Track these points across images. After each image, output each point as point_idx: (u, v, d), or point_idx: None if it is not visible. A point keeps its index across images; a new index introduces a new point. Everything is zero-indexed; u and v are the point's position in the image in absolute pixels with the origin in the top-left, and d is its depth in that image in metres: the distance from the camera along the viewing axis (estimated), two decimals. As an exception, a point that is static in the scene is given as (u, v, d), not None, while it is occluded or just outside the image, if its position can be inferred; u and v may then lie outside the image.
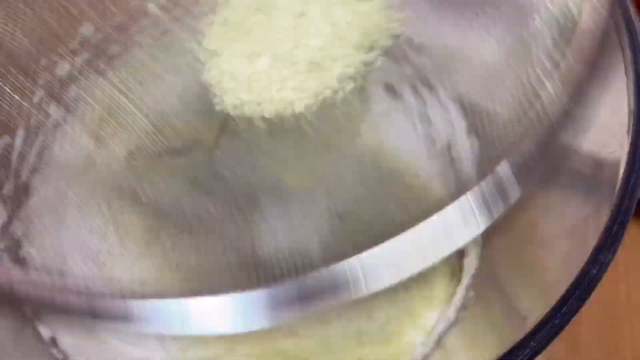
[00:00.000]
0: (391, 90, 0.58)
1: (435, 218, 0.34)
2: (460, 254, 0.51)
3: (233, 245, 0.53)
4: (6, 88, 0.47)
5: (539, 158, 0.39)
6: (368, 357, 0.49)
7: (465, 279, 0.49)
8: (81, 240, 0.52)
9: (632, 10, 0.39)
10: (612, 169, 0.37)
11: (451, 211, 0.34)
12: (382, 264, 0.33)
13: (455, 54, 0.52)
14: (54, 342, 0.47)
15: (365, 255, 0.31)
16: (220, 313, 0.33)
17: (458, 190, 0.54)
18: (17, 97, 0.49)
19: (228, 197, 0.54)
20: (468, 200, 0.35)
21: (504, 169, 0.35)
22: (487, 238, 0.49)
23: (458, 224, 0.34)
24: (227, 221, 0.53)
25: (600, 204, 0.36)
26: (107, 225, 0.53)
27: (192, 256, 0.52)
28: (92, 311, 0.39)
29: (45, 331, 0.46)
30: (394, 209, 0.54)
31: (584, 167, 0.40)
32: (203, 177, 0.55)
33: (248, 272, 0.43)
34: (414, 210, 0.54)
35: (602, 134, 0.39)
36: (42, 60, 0.50)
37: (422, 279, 0.52)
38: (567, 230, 0.39)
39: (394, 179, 0.56)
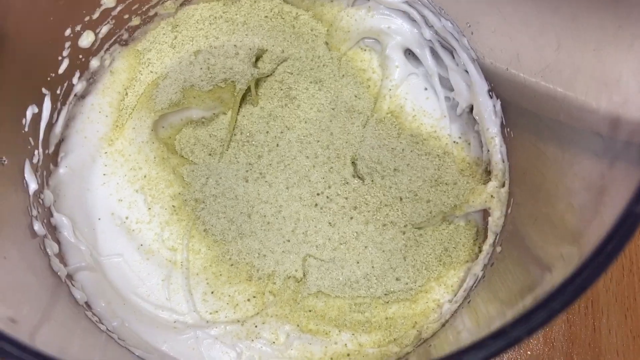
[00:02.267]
0: (411, 54, 0.59)
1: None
2: (486, 212, 0.52)
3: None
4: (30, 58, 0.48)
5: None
6: (395, 315, 0.50)
7: (491, 237, 0.50)
8: (110, 208, 0.53)
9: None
10: (629, 126, 0.37)
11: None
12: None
13: (475, 15, 0.52)
14: (88, 305, 0.48)
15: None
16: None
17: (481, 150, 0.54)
18: (42, 68, 0.50)
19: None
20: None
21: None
22: (511, 195, 0.50)
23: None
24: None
25: (614, 160, 0.36)
26: (135, 194, 0.53)
27: (218, 220, 0.53)
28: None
29: (79, 295, 0.47)
30: (415, 173, 0.54)
31: (599, 125, 0.40)
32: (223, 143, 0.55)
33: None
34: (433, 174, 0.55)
35: (621, 93, 0.39)
36: (66, 30, 0.51)
37: (448, 238, 0.52)
38: (585, 184, 0.40)
39: (415, 143, 0.56)
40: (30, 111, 0.48)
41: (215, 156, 0.55)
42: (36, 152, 0.49)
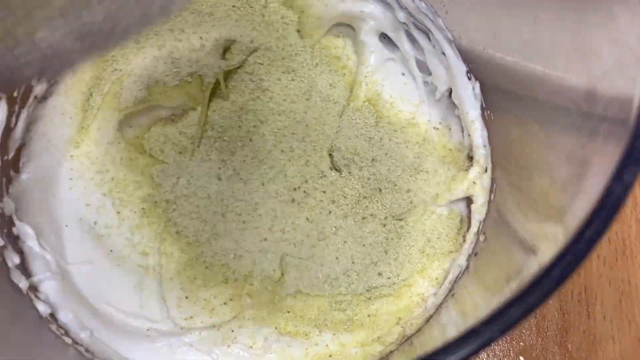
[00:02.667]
0: (386, 38, 0.56)
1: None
2: (469, 200, 0.49)
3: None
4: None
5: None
6: (378, 312, 0.48)
7: (475, 225, 0.48)
8: (78, 214, 0.51)
9: None
10: (606, 99, 0.35)
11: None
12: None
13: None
14: (53, 317, 0.45)
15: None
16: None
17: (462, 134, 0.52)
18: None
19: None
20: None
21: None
22: (494, 181, 0.48)
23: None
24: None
25: (594, 132, 0.35)
26: (103, 198, 0.51)
27: (190, 222, 0.50)
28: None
29: (43, 307, 0.45)
30: (393, 163, 0.52)
31: (579, 100, 0.38)
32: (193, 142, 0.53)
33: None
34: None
35: (599, 66, 0.37)
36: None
37: (430, 229, 0.50)
38: (566, 157, 0.38)
39: (393, 130, 0.54)
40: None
41: (186, 154, 0.53)
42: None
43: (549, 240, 0.34)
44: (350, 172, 0.52)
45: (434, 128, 0.54)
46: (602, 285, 0.55)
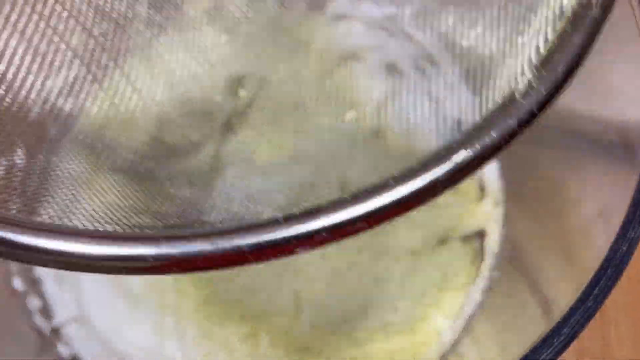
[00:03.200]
0: (394, 69, 0.57)
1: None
2: (481, 234, 0.50)
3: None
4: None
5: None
6: (395, 349, 0.48)
7: (489, 259, 0.48)
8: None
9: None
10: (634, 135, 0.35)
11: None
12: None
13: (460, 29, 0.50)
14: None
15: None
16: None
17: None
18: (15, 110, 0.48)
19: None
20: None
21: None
22: (508, 216, 0.48)
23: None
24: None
25: (627, 172, 0.35)
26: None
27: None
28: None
29: (65, 350, 0.46)
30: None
31: (602, 134, 0.38)
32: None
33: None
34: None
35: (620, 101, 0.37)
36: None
37: (444, 263, 0.51)
38: (586, 192, 0.38)
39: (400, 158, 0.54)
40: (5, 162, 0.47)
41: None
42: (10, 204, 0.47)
43: (566, 282, 0.34)
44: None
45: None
46: (617, 310, 0.56)
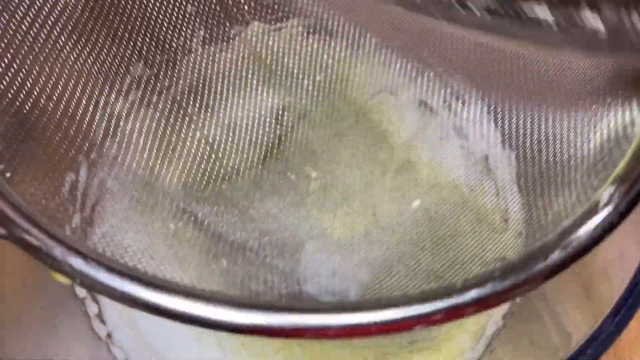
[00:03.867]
0: (425, 105, 0.61)
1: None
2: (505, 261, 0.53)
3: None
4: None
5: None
6: (420, 363, 0.52)
7: (510, 286, 0.51)
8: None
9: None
10: None
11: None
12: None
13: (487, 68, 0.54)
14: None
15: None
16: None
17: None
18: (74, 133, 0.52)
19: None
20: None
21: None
22: (529, 245, 0.51)
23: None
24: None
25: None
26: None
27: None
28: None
29: (119, 353, 0.50)
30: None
31: None
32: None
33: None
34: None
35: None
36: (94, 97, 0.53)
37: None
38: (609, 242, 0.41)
39: (433, 191, 0.58)
40: (69, 178, 0.51)
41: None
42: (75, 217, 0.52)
43: (583, 314, 0.37)
44: (393, 231, 0.56)
45: (470, 190, 0.58)
46: (630, 338, 0.58)
